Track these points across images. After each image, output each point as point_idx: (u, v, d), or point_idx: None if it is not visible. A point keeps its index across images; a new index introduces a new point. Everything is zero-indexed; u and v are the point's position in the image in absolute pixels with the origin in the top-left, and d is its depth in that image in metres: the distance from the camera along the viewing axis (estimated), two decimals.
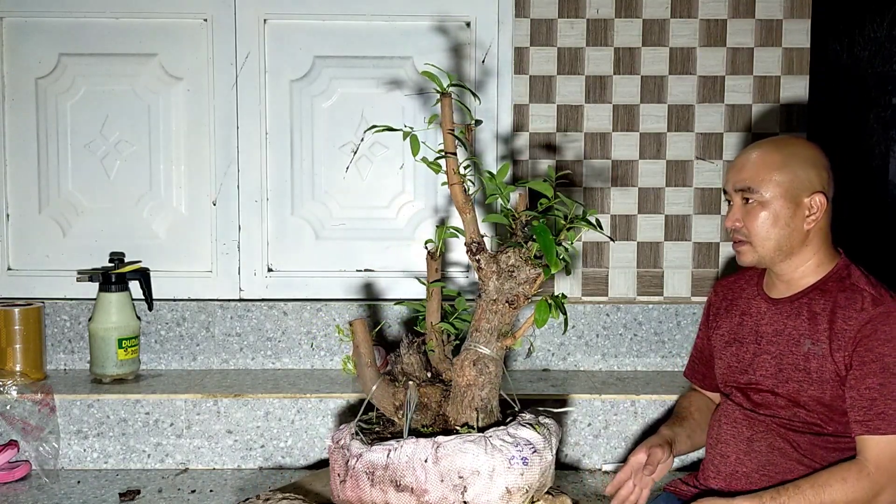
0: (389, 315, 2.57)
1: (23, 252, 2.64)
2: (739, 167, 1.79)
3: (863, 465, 1.63)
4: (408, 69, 2.61)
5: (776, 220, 1.73)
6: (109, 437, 2.28)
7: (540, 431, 1.58)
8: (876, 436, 1.62)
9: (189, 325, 2.58)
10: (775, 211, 1.73)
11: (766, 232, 1.74)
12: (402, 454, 1.50)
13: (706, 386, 2.04)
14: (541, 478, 1.56)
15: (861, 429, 1.64)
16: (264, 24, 2.59)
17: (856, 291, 1.71)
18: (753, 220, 1.75)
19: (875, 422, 1.63)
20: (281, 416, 2.31)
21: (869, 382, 1.64)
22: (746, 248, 1.78)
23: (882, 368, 1.63)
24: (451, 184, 1.60)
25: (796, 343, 1.75)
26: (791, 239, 1.75)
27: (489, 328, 1.61)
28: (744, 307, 1.89)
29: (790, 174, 1.73)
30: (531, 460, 1.53)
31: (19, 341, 2.41)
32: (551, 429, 1.64)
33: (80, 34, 2.59)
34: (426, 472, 1.48)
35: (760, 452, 1.78)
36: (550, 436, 1.61)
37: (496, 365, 1.62)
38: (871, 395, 1.63)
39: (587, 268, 2.63)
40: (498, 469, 1.50)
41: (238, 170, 2.62)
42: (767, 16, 2.58)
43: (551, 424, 1.65)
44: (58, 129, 2.62)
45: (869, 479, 1.61)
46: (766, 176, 1.73)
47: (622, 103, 2.59)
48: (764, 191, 1.73)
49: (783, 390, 1.75)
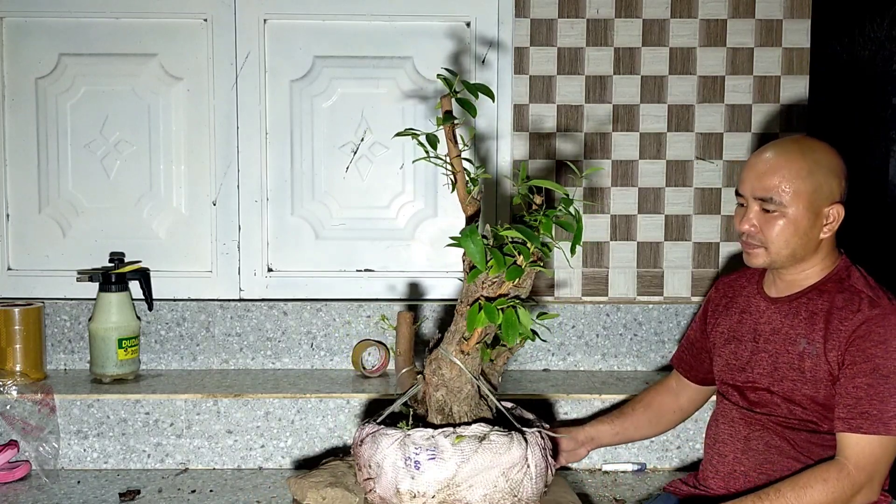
0: (390, 314, 2.57)
1: (23, 252, 2.64)
2: (761, 173, 1.72)
3: (843, 464, 1.63)
4: (408, 69, 2.61)
5: (796, 230, 1.70)
6: (109, 437, 2.28)
7: (462, 443, 1.52)
8: (857, 434, 1.62)
9: (189, 325, 2.58)
10: (795, 220, 1.70)
11: (785, 241, 1.71)
12: (358, 435, 1.66)
13: (691, 377, 2.05)
14: (446, 489, 1.51)
15: (843, 426, 1.64)
16: (264, 24, 2.59)
17: (854, 293, 1.71)
18: (771, 229, 1.71)
19: (858, 420, 1.63)
20: (281, 416, 2.31)
21: (857, 382, 1.64)
22: (760, 252, 1.75)
23: (872, 369, 1.63)
24: (455, 171, 1.56)
25: (792, 342, 1.75)
26: (806, 247, 1.73)
27: (454, 331, 1.60)
28: (743, 305, 1.89)
29: (814, 184, 1.69)
30: (425, 466, 1.51)
31: (19, 341, 2.41)
32: (496, 446, 1.53)
33: (80, 34, 2.59)
34: (357, 453, 1.64)
35: (758, 451, 1.78)
36: (478, 452, 1.52)
37: (451, 368, 1.59)
38: (857, 394, 1.64)
39: (587, 268, 2.62)
40: (397, 465, 1.54)
41: (238, 170, 2.62)
42: (767, 16, 2.58)
43: (498, 442, 1.54)
44: (58, 129, 2.62)
45: (849, 478, 1.61)
46: (789, 186, 1.69)
47: (622, 103, 2.59)
48: (787, 202, 1.69)
49: (778, 389, 1.76)
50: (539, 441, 1.60)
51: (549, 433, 1.67)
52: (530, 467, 1.55)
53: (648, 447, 2.29)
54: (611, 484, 2.19)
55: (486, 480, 1.51)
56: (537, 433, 1.61)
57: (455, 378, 1.60)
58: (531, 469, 1.55)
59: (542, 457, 1.59)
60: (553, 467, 1.65)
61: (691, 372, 2.05)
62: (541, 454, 1.59)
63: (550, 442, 1.67)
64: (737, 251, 2.58)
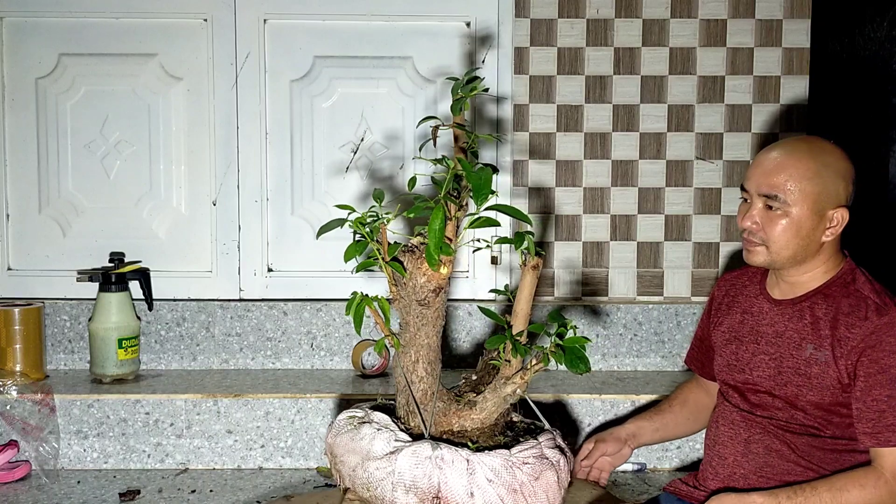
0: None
1: (23, 252, 2.64)
2: (768, 170, 1.69)
3: (880, 472, 1.62)
4: (408, 69, 2.61)
5: (798, 231, 1.68)
6: (109, 437, 2.28)
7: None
8: (888, 448, 1.62)
9: (189, 325, 2.58)
10: (799, 221, 1.68)
11: (787, 241, 1.69)
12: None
13: (705, 374, 2.04)
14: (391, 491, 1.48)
15: (872, 441, 1.63)
16: (264, 24, 2.59)
17: (860, 299, 1.68)
18: (774, 227, 1.69)
19: (885, 434, 1.62)
20: (281, 416, 2.31)
21: (875, 394, 1.63)
22: (760, 250, 1.73)
23: (889, 380, 1.62)
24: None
25: (797, 346, 1.73)
26: (807, 249, 1.71)
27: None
28: (745, 305, 1.88)
29: (821, 186, 1.67)
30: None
31: (19, 341, 2.41)
32: (439, 460, 1.46)
33: (80, 34, 2.59)
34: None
35: (758, 454, 1.77)
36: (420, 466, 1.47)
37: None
38: (879, 407, 1.62)
39: (587, 268, 2.63)
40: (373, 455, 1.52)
41: (238, 170, 2.62)
42: (767, 16, 2.58)
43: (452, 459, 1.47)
44: (58, 129, 2.62)
45: (887, 486, 1.61)
46: (796, 185, 1.66)
47: (622, 103, 2.59)
48: (792, 201, 1.67)
49: (781, 393, 1.74)
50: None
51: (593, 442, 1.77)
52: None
53: (648, 447, 2.29)
54: (611, 484, 2.18)
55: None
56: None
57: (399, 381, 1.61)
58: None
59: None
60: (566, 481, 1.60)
61: (704, 369, 2.04)
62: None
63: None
64: (737, 250, 2.58)
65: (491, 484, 1.45)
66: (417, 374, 1.56)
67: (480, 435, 1.57)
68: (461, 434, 1.57)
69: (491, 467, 1.46)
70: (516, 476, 1.46)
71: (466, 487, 1.44)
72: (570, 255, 2.62)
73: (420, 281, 1.50)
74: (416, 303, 1.52)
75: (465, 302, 2.60)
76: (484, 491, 1.44)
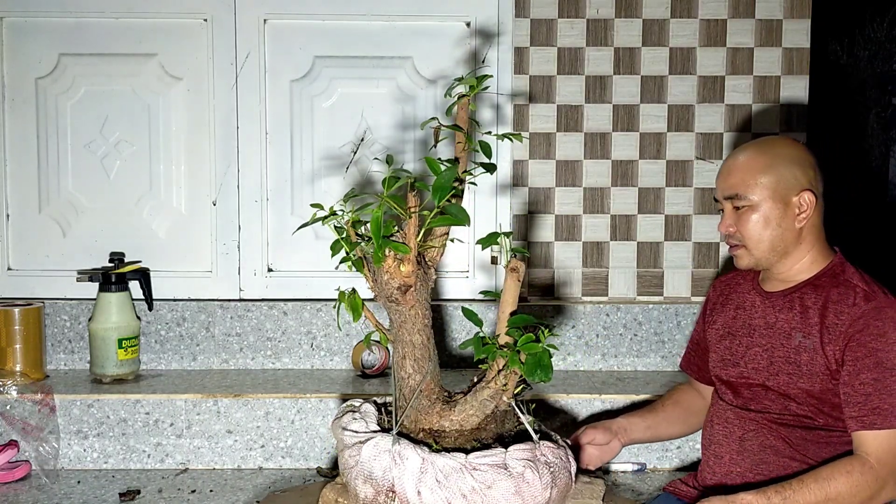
0: None
1: (23, 252, 2.64)
2: (726, 174, 1.81)
3: (864, 458, 1.63)
4: (408, 69, 2.61)
5: (767, 222, 1.75)
6: (109, 437, 2.28)
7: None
8: (873, 431, 1.63)
9: (189, 325, 2.58)
10: (765, 213, 1.75)
11: (759, 235, 1.76)
12: None
13: (701, 378, 2.05)
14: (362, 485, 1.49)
15: (857, 425, 1.65)
16: (264, 24, 2.59)
17: (848, 287, 1.72)
18: (745, 224, 1.77)
19: (871, 417, 1.63)
20: (281, 416, 2.31)
21: (863, 378, 1.65)
22: (742, 252, 1.80)
23: (875, 363, 1.64)
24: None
25: (787, 336, 1.76)
26: (784, 239, 1.76)
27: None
28: (738, 301, 1.91)
29: (775, 175, 1.74)
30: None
31: (19, 341, 2.41)
32: (400, 460, 1.47)
33: (80, 34, 2.59)
34: None
35: (753, 451, 1.79)
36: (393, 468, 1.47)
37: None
38: (865, 391, 1.64)
39: (587, 268, 2.63)
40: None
41: (238, 170, 2.62)
42: (767, 16, 2.58)
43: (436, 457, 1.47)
44: (58, 129, 2.62)
45: (872, 471, 1.62)
46: (751, 180, 1.75)
47: (622, 103, 2.59)
48: (751, 195, 1.75)
49: (773, 383, 1.77)
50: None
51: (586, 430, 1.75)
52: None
53: (648, 447, 2.29)
54: (611, 484, 2.18)
55: None
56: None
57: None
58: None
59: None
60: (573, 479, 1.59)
61: (700, 373, 2.05)
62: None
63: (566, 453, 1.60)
64: None
65: (439, 485, 1.44)
66: (406, 371, 1.57)
67: (459, 437, 1.56)
68: (438, 433, 1.56)
69: (441, 469, 1.45)
70: (466, 481, 1.44)
71: (416, 486, 1.45)
72: (570, 255, 2.62)
73: (384, 279, 1.50)
74: (386, 300, 1.52)
75: (465, 302, 2.60)
76: (432, 491, 1.44)
